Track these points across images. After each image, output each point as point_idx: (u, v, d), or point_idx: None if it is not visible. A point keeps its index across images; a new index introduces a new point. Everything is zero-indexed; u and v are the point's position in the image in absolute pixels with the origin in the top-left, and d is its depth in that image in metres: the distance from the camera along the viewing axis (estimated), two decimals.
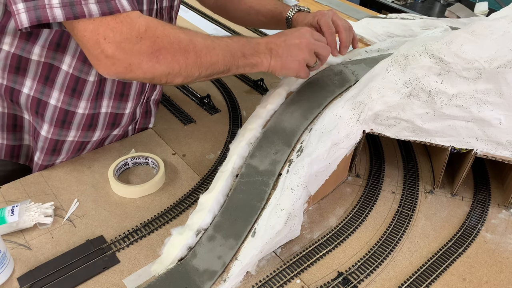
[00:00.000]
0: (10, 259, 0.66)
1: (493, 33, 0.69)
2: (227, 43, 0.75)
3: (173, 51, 0.68)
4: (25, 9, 0.60)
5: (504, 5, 1.51)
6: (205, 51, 0.72)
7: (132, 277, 0.67)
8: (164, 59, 0.68)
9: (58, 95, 0.82)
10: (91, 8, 0.61)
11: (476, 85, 0.73)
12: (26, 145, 0.90)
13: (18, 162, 0.91)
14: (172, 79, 0.71)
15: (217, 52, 0.73)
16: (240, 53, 0.76)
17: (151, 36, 0.66)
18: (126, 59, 0.65)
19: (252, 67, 0.79)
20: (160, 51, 0.67)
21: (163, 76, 0.70)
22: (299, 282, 0.68)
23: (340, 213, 0.81)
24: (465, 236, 0.77)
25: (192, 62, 0.71)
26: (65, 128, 0.85)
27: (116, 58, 0.65)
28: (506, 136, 0.76)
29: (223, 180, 0.74)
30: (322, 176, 0.77)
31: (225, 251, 0.66)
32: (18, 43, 0.76)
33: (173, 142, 0.96)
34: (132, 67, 0.66)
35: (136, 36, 0.65)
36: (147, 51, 0.66)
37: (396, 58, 0.78)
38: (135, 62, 0.66)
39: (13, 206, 0.73)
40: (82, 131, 0.87)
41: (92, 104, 0.85)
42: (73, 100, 0.83)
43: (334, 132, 0.77)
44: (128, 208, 0.79)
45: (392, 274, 0.70)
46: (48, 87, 0.81)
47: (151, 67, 0.67)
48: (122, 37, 0.64)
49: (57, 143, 0.86)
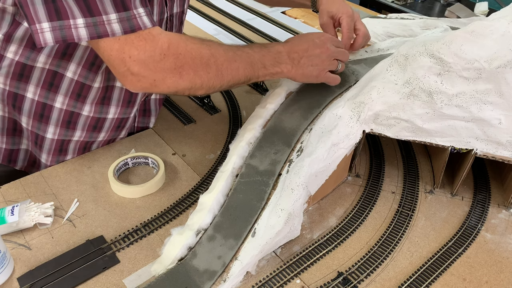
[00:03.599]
0: (10, 259, 0.66)
1: (493, 33, 0.69)
2: (248, 54, 0.76)
3: (195, 66, 0.70)
4: (50, 28, 0.61)
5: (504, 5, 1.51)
6: (227, 64, 0.73)
7: (132, 277, 0.67)
8: (187, 74, 0.69)
9: (63, 99, 0.82)
10: (114, 28, 0.63)
11: (476, 85, 0.73)
12: (24, 149, 0.90)
13: (14, 168, 0.91)
14: (195, 91, 0.73)
15: (238, 65, 0.74)
16: (260, 64, 0.77)
17: (174, 53, 0.68)
18: (151, 75, 0.67)
19: (272, 76, 0.80)
20: (183, 67, 0.69)
21: (186, 90, 0.72)
22: (299, 282, 0.68)
23: (340, 213, 0.81)
24: (465, 236, 0.77)
25: (213, 75, 0.72)
26: (71, 129, 0.86)
27: (141, 75, 0.67)
28: (506, 136, 0.76)
29: (223, 180, 0.74)
30: (322, 176, 0.77)
31: (225, 251, 0.66)
32: (23, 51, 0.76)
33: (173, 142, 0.96)
34: (157, 82, 0.68)
35: (159, 54, 0.66)
36: (170, 68, 0.68)
37: (396, 58, 0.78)
38: (159, 78, 0.68)
39: (13, 206, 0.73)
40: (87, 132, 0.88)
41: (97, 108, 0.86)
42: (78, 104, 0.83)
43: (334, 132, 0.77)
44: (128, 208, 0.79)
45: (392, 274, 0.70)
46: (53, 92, 0.81)
47: (174, 83, 0.69)
48: (146, 55, 0.65)
49: (63, 143, 0.87)
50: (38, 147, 0.88)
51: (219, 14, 1.61)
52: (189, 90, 0.72)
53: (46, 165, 0.88)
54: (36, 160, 0.91)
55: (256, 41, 1.41)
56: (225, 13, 1.61)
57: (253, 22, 1.53)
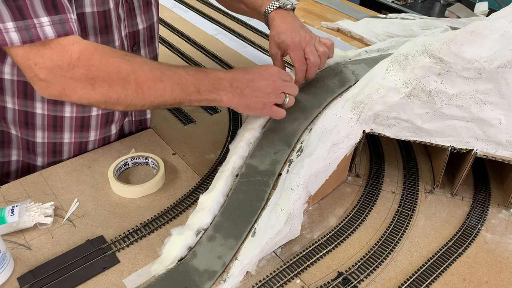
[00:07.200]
0: (10, 259, 0.66)
1: (493, 33, 0.69)
2: (180, 76, 0.71)
3: (110, 80, 0.67)
4: None
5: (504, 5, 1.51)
6: (149, 83, 0.69)
7: (132, 277, 0.67)
8: (100, 87, 0.67)
9: (41, 105, 0.82)
10: (12, 36, 0.61)
11: (476, 85, 0.73)
12: (15, 161, 0.90)
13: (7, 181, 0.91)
14: (111, 106, 0.70)
15: (164, 85, 0.69)
16: (193, 88, 0.71)
17: (85, 64, 0.65)
18: (59, 84, 0.65)
19: (209, 102, 0.74)
20: (96, 79, 0.66)
21: (101, 103, 0.69)
22: (299, 282, 0.68)
23: (340, 213, 0.81)
24: (465, 236, 0.77)
25: (132, 92, 0.68)
26: (58, 131, 0.86)
27: (49, 82, 0.65)
28: (506, 136, 0.76)
29: (223, 180, 0.74)
30: (322, 176, 0.77)
31: (225, 251, 0.66)
32: None
33: (173, 142, 0.96)
34: (67, 91, 0.66)
35: (68, 63, 0.64)
36: (80, 78, 0.65)
37: (396, 58, 0.78)
38: (69, 88, 0.66)
39: (13, 206, 0.73)
40: (76, 133, 0.88)
41: (79, 108, 0.85)
42: (58, 107, 0.83)
43: (334, 132, 0.77)
44: (128, 208, 0.79)
45: (392, 274, 0.70)
46: (30, 100, 0.81)
47: (86, 94, 0.67)
48: (53, 64, 0.64)
49: (55, 145, 0.87)
50: (32, 152, 0.88)
51: (219, 14, 1.61)
52: (105, 104, 0.69)
53: (43, 167, 0.88)
54: (30, 169, 0.91)
55: (256, 41, 1.41)
56: (225, 13, 1.61)
57: (253, 22, 1.53)
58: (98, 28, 0.78)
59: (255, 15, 0.96)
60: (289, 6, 0.90)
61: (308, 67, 0.86)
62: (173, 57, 1.31)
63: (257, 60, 1.31)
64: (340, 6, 1.70)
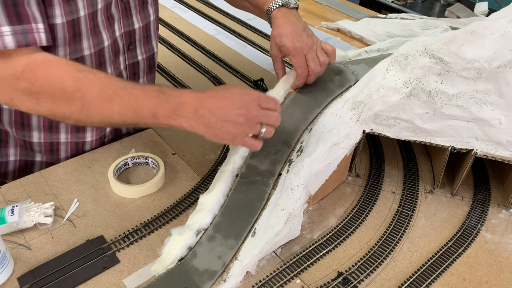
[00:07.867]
0: (10, 259, 0.66)
1: (493, 33, 0.69)
2: (135, 98, 0.65)
3: (54, 96, 0.65)
4: None
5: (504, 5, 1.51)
6: (96, 102, 0.65)
7: (132, 277, 0.67)
8: (45, 102, 0.66)
9: None
10: None
11: (476, 85, 0.73)
12: (12, 161, 0.90)
13: (5, 181, 0.91)
14: (62, 120, 0.69)
15: (113, 106, 0.65)
16: (148, 112, 0.65)
17: (28, 78, 0.64)
18: (6, 93, 0.65)
19: (170, 126, 0.69)
20: (40, 94, 0.65)
21: (50, 116, 0.68)
22: (299, 282, 0.68)
23: (340, 213, 0.81)
24: (465, 236, 0.77)
25: (77, 110, 0.66)
26: (54, 132, 0.86)
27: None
28: (506, 136, 0.76)
29: (223, 180, 0.74)
30: (322, 176, 0.77)
31: (225, 251, 0.66)
32: None
33: (173, 142, 0.96)
34: (14, 101, 0.66)
35: (12, 75, 0.64)
36: (24, 92, 0.65)
37: (396, 58, 0.78)
38: (16, 98, 0.66)
39: (13, 206, 0.73)
40: (71, 133, 0.88)
41: None
42: None
43: (334, 132, 0.77)
44: (128, 208, 0.79)
45: (392, 274, 0.70)
46: None
47: (32, 107, 0.66)
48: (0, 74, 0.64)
49: (52, 145, 0.87)
50: (30, 150, 0.88)
51: (219, 14, 1.61)
52: (54, 117, 0.68)
53: (42, 162, 0.88)
54: (28, 168, 0.91)
55: (256, 41, 1.41)
56: (225, 13, 1.61)
57: (253, 22, 1.53)
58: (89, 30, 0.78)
59: (258, 13, 0.94)
60: (293, 4, 0.87)
61: (309, 76, 0.86)
62: (173, 57, 1.31)
63: (257, 60, 1.31)
64: (340, 6, 1.70)
